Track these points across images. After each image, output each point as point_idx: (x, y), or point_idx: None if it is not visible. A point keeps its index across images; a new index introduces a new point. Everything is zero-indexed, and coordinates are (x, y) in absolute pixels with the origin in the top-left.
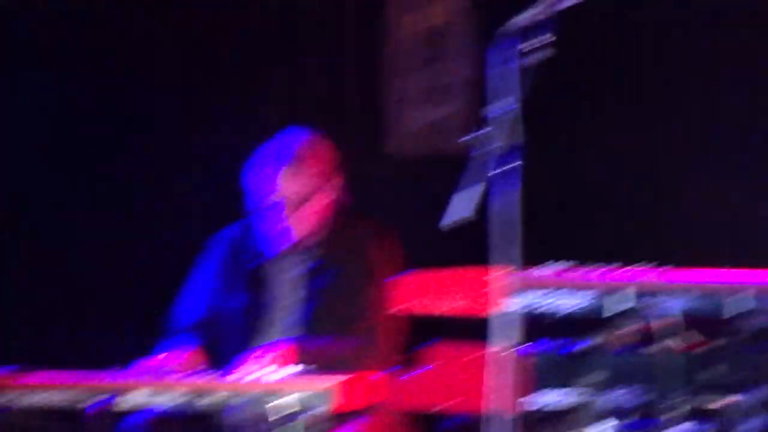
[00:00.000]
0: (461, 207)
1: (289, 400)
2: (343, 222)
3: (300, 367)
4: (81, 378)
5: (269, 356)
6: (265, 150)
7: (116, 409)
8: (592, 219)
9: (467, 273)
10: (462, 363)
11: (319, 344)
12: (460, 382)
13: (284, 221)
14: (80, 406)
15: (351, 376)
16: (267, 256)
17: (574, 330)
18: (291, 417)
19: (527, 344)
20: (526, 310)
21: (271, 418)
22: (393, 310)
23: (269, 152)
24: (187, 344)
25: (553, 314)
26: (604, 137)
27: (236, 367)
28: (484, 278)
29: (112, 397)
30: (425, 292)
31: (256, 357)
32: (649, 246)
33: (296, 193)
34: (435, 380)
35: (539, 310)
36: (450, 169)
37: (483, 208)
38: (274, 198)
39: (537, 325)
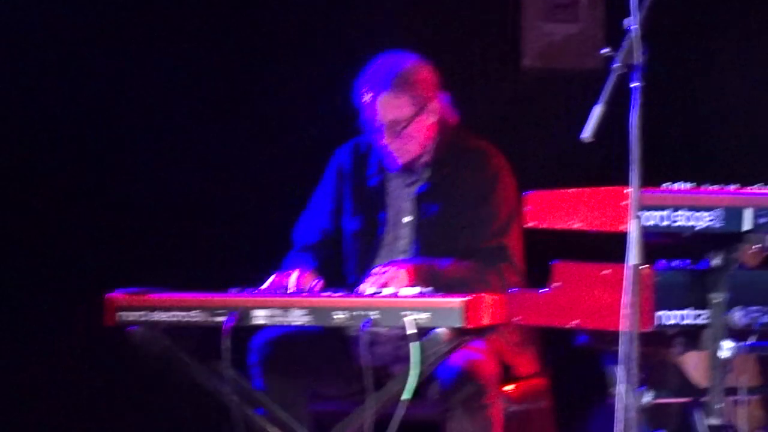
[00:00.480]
0: (595, 121)
1: (421, 316)
2: (450, 143)
3: (418, 289)
4: (210, 295)
5: (387, 275)
6: (365, 73)
7: (248, 324)
8: (712, 139)
9: (595, 191)
10: (589, 281)
11: (437, 265)
12: (587, 300)
13: (387, 146)
14: (212, 321)
15: (480, 293)
16: (378, 178)
17: (698, 249)
18: (422, 333)
19: (653, 262)
20: (652, 228)
21: (403, 333)
22: (517, 228)
23: (368, 77)
24: (304, 264)
25: (679, 232)
26: (727, 58)
27: (358, 285)
28: (613, 196)
29: (244, 313)
30: (552, 210)
31: (376, 276)
32: None
33: (395, 120)
34: (561, 298)
35: (666, 228)
36: (585, 84)
37: (609, 126)
38: (376, 122)
39: (663, 243)
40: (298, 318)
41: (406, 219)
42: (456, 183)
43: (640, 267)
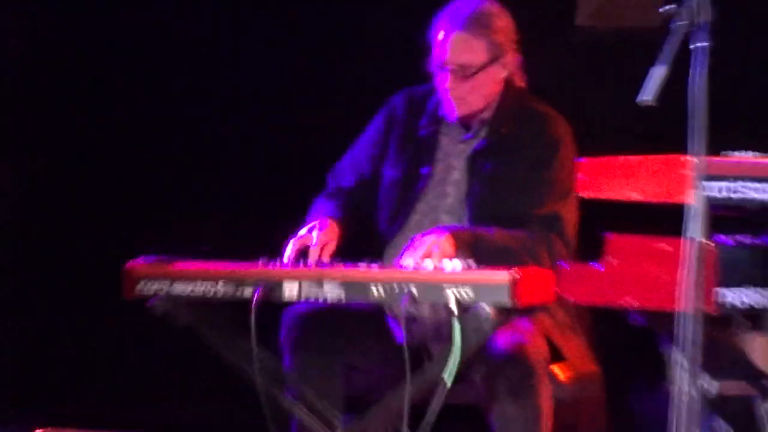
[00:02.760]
0: (654, 83)
1: (465, 292)
2: (515, 104)
3: (459, 261)
4: (237, 266)
5: (427, 245)
6: (443, 10)
7: (278, 298)
8: None
9: (654, 158)
10: (645, 255)
11: (482, 233)
12: (643, 276)
13: (451, 92)
14: (238, 295)
15: (528, 268)
16: (431, 129)
17: (761, 222)
18: (467, 309)
19: (715, 236)
20: (713, 200)
21: (446, 309)
22: (574, 201)
23: (446, 14)
24: (329, 213)
25: (743, 205)
26: None
27: (387, 235)
28: (673, 164)
29: (273, 286)
30: (607, 178)
31: (414, 247)
32: None
33: (465, 64)
34: (615, 274)
35: (728, 200)
36: (642, 44)
37: (669, 89)
38: (443, 64)
39: (726, 216)
40: (331, 291)
41: (456, 177)
42: (514, 145)
43: (702, 241)
